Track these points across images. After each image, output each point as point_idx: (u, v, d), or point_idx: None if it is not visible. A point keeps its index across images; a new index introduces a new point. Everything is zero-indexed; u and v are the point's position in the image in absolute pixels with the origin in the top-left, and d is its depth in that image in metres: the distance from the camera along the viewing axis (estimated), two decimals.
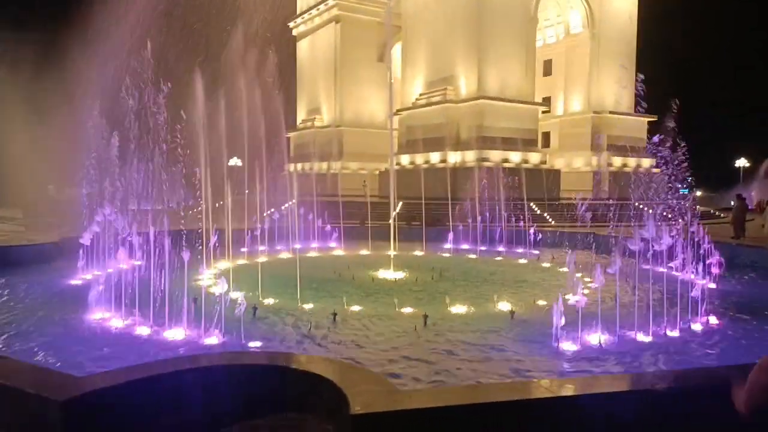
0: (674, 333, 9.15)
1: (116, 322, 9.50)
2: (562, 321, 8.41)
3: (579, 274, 14.07)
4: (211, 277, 13.75)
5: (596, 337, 8.57)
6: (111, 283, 10.19)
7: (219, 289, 11.05)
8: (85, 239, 12.98)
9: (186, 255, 9.43)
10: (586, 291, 11.08)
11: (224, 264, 14.61)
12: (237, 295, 10.54)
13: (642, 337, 8.84)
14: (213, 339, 8.48)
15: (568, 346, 8.26)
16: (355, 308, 10.59)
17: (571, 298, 11.26)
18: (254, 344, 8.34)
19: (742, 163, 79.76)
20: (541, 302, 11.31)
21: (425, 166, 47.99)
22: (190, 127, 17.42)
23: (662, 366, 7.56)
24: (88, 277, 13.42)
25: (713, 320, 9.92)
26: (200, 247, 15.02)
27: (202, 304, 8.91)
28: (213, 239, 12.84)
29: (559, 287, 12.11)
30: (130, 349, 8.10)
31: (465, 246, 20.63)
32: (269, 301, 11.08)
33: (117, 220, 12.22)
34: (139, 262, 11.28)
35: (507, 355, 7.97)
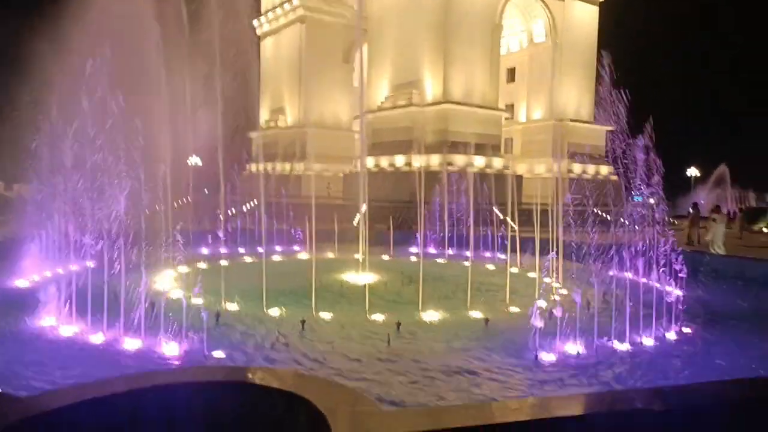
0: (649, 341, 9.08)
1: (65, 330, 8.77)
2: (540, 323, 8.19)
3: (548, 280, 14.03)
4: (171, 281, 13.07)
5: (574, 347, 8.39)
6: (59, 285, 9.44)
7: (178, 294, 10.44)
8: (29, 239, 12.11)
9: (141, 257, 8.81)
10: (558, 297, 10.95)
11: (184, 268, 13.88)
12: (198, 300, 9.98)
13: (618, 345, 8.73)
14: (172, 348, 7.89)
15: (546, 357, 8.04)
16: (325, 315, 10.14)
17: (543, 305, 11.12)
18: (218, 354, 7.80)
19: (693, 172, 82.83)
20: (514, 309, 11.11)
21: (390, 169, 47.82)
22: (150, 124, 16.60)
23: (642, 377, 7.42)
24: (36, 278, 12.52)
25: (686, 329, 9.94)
26: (160, 248, 14.33)
27: (160, 311, 8.30)
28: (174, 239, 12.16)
29: (531, 294, 11.95)
30: (79, 361, 7.44)
31: (432, 250, 20.42)
32: (233, 307, 10.49)
33: (68, 219, 11.41)
34: (91, 264, 10.52)
35: (487, 366, 7.67)
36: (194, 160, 69.01)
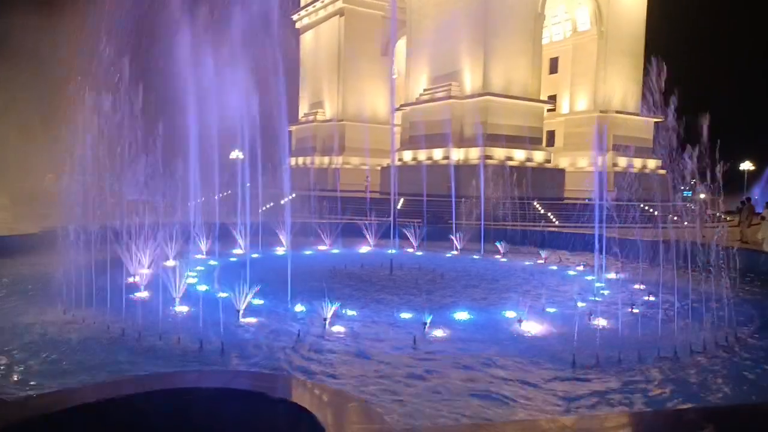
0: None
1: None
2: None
3: (589, 277, 13.40)
4: (199, 273, 13.10)
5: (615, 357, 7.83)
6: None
7: (203, 287, 10.38)
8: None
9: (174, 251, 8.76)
10: (598, 298, 10.37)
11: (214, 260, 13.92)
12: (223, 294, 9.90)
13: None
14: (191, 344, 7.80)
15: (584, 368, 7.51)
16: (351, 312, 9.88)
17: (584, 305, 10.58)
18: (235, 354, 7.61)
19: (747, 166, 78.84)
20: (551, 309, 10.57)
21: (428, 162, 47.25)
22: (190, 120, 16.80)
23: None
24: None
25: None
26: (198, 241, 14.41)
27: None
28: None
29: (569, 292, 11.37)
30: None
31: (468, 245, 19.90)
32: (257, 301, 10.30)
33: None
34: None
35: (515, 375, 7.21)
36: (236, 154, 70.41)
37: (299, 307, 9.91)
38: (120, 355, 7.41)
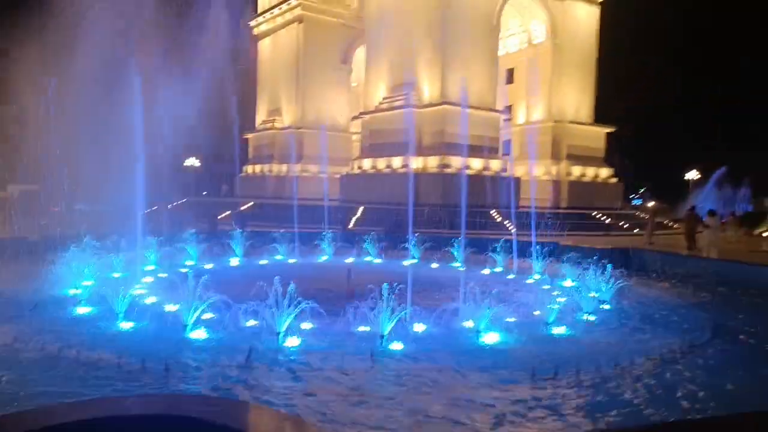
0: None
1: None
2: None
3: (546, 286, 13.52)
4: (147, 286, 12.55)
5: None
6: None
7: (151, 299, 9.96)
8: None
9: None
10: (555, 306, 10.42)
11: (161, 273, 13.37)
12: (171, 307, 9.47)
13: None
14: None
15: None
16: (307, 325, 9.58)
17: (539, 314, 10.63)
18: (179, 374, 7.20)
19: (693, 175, 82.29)
20: (510, 319, 10.54)
21: (387, 171, 47.31)
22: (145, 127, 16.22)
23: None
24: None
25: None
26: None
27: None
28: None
29: (529, 302, 11.40)
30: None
31: (426, 254, 19.85)
32: (207, 315, 9.86)
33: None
34: None
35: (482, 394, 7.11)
36: (191, 161, 68.66)
37: (251, 322, 9.54)
38: (52, 376, 6.89)
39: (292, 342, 8.71)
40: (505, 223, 36.15)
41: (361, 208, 42.01)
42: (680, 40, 79.28)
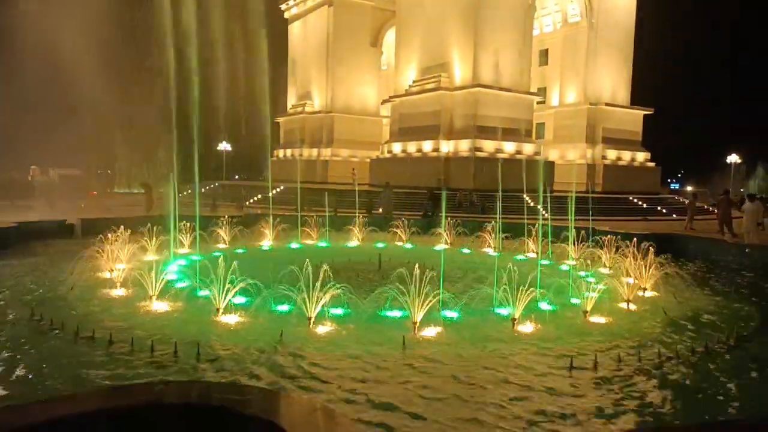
0: None
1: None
2: None
3: (583, 273, 13.10)
4: (180, 269, 12.63)
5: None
6: None
7: (182, 284, 10.00)
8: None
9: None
10: (592, 293, 10.04)
11: (195, 255, 13.44)
12: (204, 292, 9.48)
13: None
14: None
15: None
16: (337, 310, 9.46)
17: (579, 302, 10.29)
18: (208, 359, 7.14)
19: (733, 159, 79.30)
20: (545, 307, 10.23)
21: (418, 154, 46.90)
22: (176, 112, 16.35)
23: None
24: None
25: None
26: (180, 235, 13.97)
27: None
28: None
29: (564, 287, 11.02)
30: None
31: (458, 239, 19.55)
32: (238, 300, 9.81)
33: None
34: None
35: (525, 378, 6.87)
36: (224, 146, 69.38)
37: (282, 306, 9.48)
38: (87, 361, 6.92)
39: (324, 328, 8.61)
40: (538, 207, 35.44)
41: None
42: (727, 16, 75.90)
